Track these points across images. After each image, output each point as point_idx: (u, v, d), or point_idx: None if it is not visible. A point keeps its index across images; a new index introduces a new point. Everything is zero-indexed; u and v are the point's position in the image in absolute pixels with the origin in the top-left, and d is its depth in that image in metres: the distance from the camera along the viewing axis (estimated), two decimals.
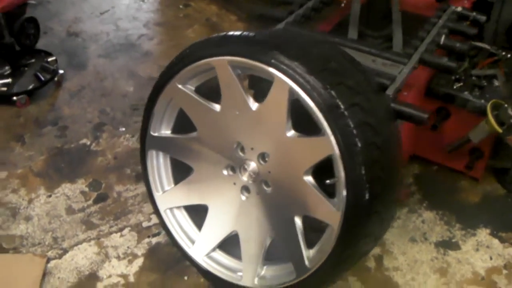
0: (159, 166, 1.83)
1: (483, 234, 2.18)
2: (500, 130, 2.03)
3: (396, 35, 2.24)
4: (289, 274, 1.65)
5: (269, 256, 1.71)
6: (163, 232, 2.09)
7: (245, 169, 1.67)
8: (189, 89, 1.67)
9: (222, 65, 1.55)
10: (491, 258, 2.09)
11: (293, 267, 1.63)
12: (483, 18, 2.28)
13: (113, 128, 2.60)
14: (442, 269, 2.04)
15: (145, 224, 2.15)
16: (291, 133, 1.52)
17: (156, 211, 1.87)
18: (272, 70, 1.47)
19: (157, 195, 1.83)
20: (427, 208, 2.28)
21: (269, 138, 1.58)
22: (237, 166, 1.68)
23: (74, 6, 3.59)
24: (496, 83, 2.27)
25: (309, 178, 1.55)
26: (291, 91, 1.46)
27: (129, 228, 2.13)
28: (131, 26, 3.39)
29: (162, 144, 1.79)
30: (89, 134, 2.56)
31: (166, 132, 1.78)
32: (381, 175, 1.48)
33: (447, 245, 2.14)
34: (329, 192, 1.54)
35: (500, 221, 2.23)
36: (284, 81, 1.45)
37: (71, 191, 2.28)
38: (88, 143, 2.51)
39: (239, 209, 1.72)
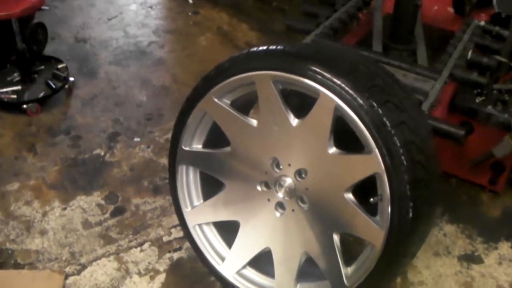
0: (188, 181, 1.79)
1: (505, 247, 2.17)
2: None
3: (420, 49, 2.23)
4: None
5: (303, 274, 1.68)
6: (185, 247, 2.06)
7: (280, 185, 1.63)
8: (225, 103, 1.63)
9: (264, 80, 1.51)
10: None
11: (331, 285, 1.59)
12: (506, 32, 2.28)
13: (128, 139, 2.54)
14: (467, 283, 2.03)
15: (165, 239, 2.10)
16: (332, 150, 1.50)
17: (184, 227, 1.82)
18: (318, 87, 1.43)
19: (186, 211, 1.79)
20: (448, 221, 2.27)
21: (308, 154, 1.54)
22: (272, 182, 1.64)
23: (82, 12, 3.53)
24: None
25: (350, 196, 1.52)
26: (337, 108, 1.43)
27: (149, 243, 2.08)
28: (140, 33, 3.34)
29: (193, 159, 1.75)
30: (103, 144, 2.50)
31: (197, 146, 1.73)
32: (425, 193, 1.45)
33: (470, 258, 2.12)
34: (369, 210, 1.52)
35: None
36: (331, 98, 1.42)
37: (87, 203, 2.22)
38: (102, 153, 2.46)
39: (272, 225, 1.68)
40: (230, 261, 1.76)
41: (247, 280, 1.76)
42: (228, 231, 1.80)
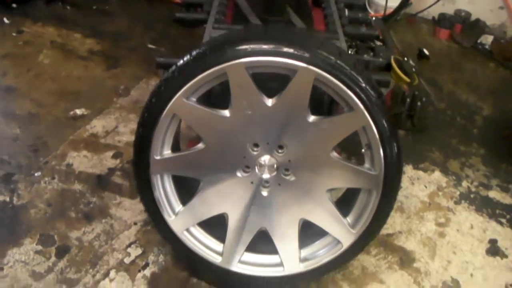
0: (165, 189, 1.74)
1: (409, 169, 2.55)
2: (408, 80, 2.39)
3: (294, 17, 2.44)
4: (333, 246, 1.77)
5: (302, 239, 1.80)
6: (150, 261, 2.00)
7: (262, 165, 1.70)
8: (192, 101, 1.62)
9: (237, 69, 1.55)
10: (426, 187, 2.47)
11: (338, 237, 1.75)
12: None
13: (26, 176, 2.30)
14: (398, 207, 2.34)
15: (127, 260, 2.01)
16: (312, 117, 1.62)
17: (171, 238, 1.78)
18: (297, 62, 1.54)
19: (171, 220, 1.75)
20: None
21: (287, 128, 1.64)
22: (252, 164, 1.70)
23: None
24: (378, 42, 2.63)
25: (335, 154, 1.67)
26: (316, 78, 1.56)
27: (114, 270, 1.97)
28: None
29: (167, 166, 1.71)
30: (2, 189, 2.23)
31: (167, 152, 1.70)
32: (394, 127, 1.66)
33: None
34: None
35: (414, 156, 2.63)
36: (311, 70, 1.54)
37: (24, 255, 1.99)
38: (8, 199, 2.19)
39: (262, 205, 1.75)
40: (228, 253, 1.79)
41: (252, 265, 1.82)
42: (213, 226, 1.81)
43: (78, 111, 2.69)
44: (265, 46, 1.53)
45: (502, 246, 2.25)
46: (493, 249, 2.23)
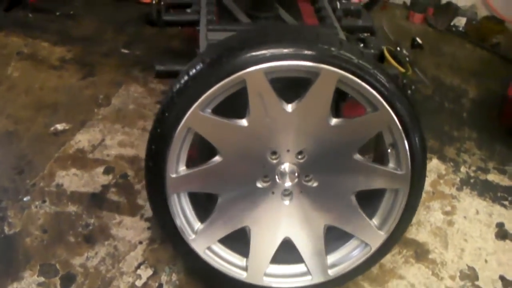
0: (183, 208, 1.64)
1: None
2: (403, 70, 2.35)
3: (282, 12, 2.36)
4: (361, 249, 1.71)
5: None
6: (164, 281, 1.89)
7: (282, 173, 1.62)
8: (208, 113, 1.52)
9: (256, 75, 1.46)
10: (427, 176, 2.43)
11: (366, 240, 1.69)
12: None
13: (14, 201, 2.14)
14: None
15: (139, 283, 1.89)
16: (334, 120, 1.55)
17: (192, 256, 1.67)
18: (319, 65, 1.46)
19: (191, 239, 1.64)
20: None
21: (309, 133, 1.56)
22: (272, 173, 1.62)
23: None
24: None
25: (359, 156, 1.61)
26: (339, 80, 1.48)
27: None
28: None
29: (183, 184, 1.60)
30: None
31: (183, 168, 1.59)
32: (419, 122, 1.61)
33: None
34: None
35: None
36: (334, 72, 1.46)
37: None
38: None
39: (285, 215, 1.67)
40: (253, 267, 1.70)
41: (278, 277, 1.74)
42: (233, 241, 1.72)
43: (59, 126, 2.53)
44: (285, 50, 1.45)
45: (510, 228, 2.25)
46: (502, 233, 2.23)
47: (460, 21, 3.71)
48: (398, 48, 2.36)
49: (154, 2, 3.35)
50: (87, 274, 1.90)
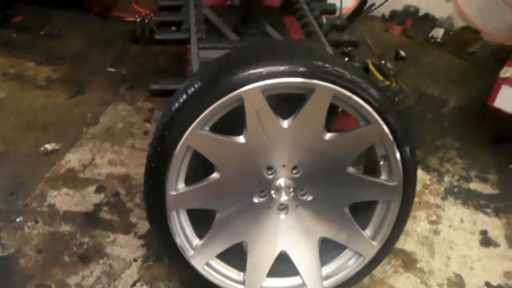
0: (182, 224, 1.66)
1: None
2: (387, 82, 2.42)
3: (268, 28, 2.41)
4: (355, 260, 1.75)
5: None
6: None
7: (278, 188, 1.66)
8: (206, 130, 1.55)
9: (254, 92, 1.50)
10: None
11: (360, 251, 1.73)
12: None
13: (7, 223, 2.14)
14: None
15: None
16: (328, 135, 1.59)
17: (192, 274, 1.70)
18: (315, 81, 1.50)
19: (190, 255, 1.67)
20: None
21: (304, 148, 1.61)
22: (267, 189, 1.66)
23: None
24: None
25: (352, 169, 1.66)
26: (333, 95, 1.53)
27: None
28: None
29: (182, 201, 1.63)
30: None
31: (181, 185, 1.62)
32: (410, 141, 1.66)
33: None
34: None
35: None
36: (329, 88, 1.51)
37: None
38: None
39: (280, 229, 1.71)
40: (250, 281, 1.73)
41: None
42: (229, 255, 1.75)
43: (49, 146, 2.53)
44: (281, 68, 1.49)
45: (493, 236, 2.32)
46: (486, 240, 2.29)
47: (438, 32, 3.82)
48: (383, 62, 2.43)
49: (138, 20, 3.40)
50: None
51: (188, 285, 1.95)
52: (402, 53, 3.15)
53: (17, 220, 2.15)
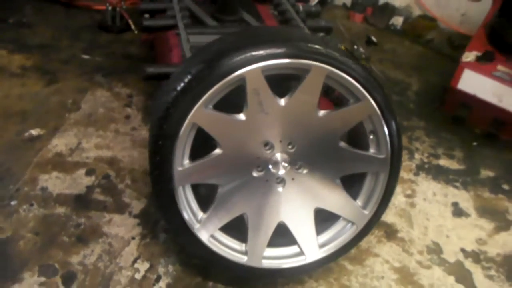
0: (188, 199, 1.75)
1: None
2: None
3: (246, 15, 2.52)
4: (348, 228, 1.89)
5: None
6: (162, 272, 2.00)
7: (275, 163, 1.78)
8: (210, 109, 1.65)
9: (255, 73, 1.61)
10: None
11: (353, 220, 1.87)
12: None
13: (0, 207, 2.16)
14: None
15: (138, 276, 1.99)
16: (321, 112, 1.72)
17: (198, 246, 1.79)
18: (310, 62, 1.62)
19: (197, 228, 1.76)
20: None
21: (299, 125, 1.73)
22: (265, 163, 1.77)
23: None
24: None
25: (343, 144, 1.79)
26: (327, 75, 1.66)
27: None
28: None
29: (188, 176, 1.71)
30: None
31: (187, 161, 1.71)
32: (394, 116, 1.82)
33: None
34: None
35: None
36: (323, 68, 1.64)
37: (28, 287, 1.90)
38: None
39: (278, 201, 1.83)
40: (252, 251, 1.84)
41: (274, 258, 1.88)
42: (232, 227, 1.85)
43: (34, 132, 2.55)
44: (280, 50, 1.60)
45: (464, 207, 2.51)
46: (457, 211, 2.49)
47: (397, 20, 4.01)
48: (355, 47, 2.57)
49: (109, 9, 3.42)
50: (87, 271, 1.97)
51: (184, 260, 2.04)
52: (373, 39, 3.30)
53: (12, 203, 2.18)
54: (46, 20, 3.52)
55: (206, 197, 1.80)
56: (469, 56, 2.87)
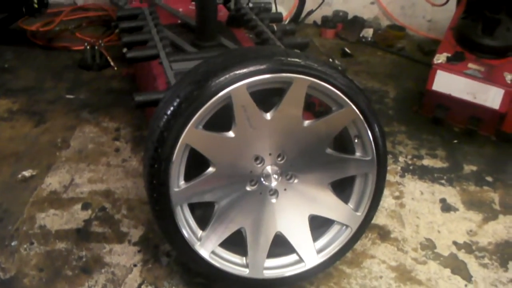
0: (186, 218, 1.81)
1: None
2: None
3: (224, 40, 2.62)
4: (343, 232, 1.96)
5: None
6: None
7: (267, 175, 1.85)
8: (200, 128, 1.72)
9: (241, 90, 1.69)
10: None
11: (347, 223, 1.94)
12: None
13: (2, 247, 2.19)
14: None
15: None
16: (306, 122, 1.81)
17: (201, 263, 1.84)
18: (292, 75, 1.71)
19: (198, 246, 1.82)
20: None
21: (286, 136, 1.80)
22: (257, 177, 1.84)
23: None
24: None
25: (330, 150, 1.87)
26: (310, 86, 1.74)
27: None
28: None
29: (185, 196, 1.77)
30: None
31: (182, 182, 1.77)
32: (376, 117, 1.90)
33: None
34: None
35: None
36: (305, 80, 1.73)
37: None
38: None
39: (273, 212, 1.89)
40: (254, 263, 1.89)
41: (276, 268, 1.93)
42: (231, 242, 1.90)
43: (26, 173, 2.60)
44: (262, 66, 1.68)
45: (451, 202, 2.60)
46: (446, 206, 2.57)
47: (368, 32, 4.15)
48: (331, 59, 2.68)
49: (87, 48, 3.51)
50: None
51: (187, 281, 2.09)
52: (347, 50, 3.40)
53: (12, 244, 2.21)
54: (28, 63, 3.59)
55: (204, 215, 1.85)
56: (440, 58, 2.99)
